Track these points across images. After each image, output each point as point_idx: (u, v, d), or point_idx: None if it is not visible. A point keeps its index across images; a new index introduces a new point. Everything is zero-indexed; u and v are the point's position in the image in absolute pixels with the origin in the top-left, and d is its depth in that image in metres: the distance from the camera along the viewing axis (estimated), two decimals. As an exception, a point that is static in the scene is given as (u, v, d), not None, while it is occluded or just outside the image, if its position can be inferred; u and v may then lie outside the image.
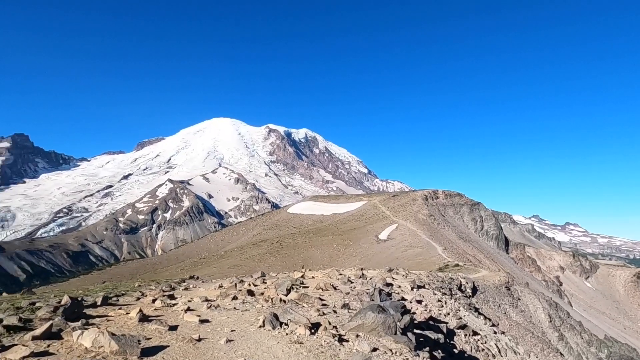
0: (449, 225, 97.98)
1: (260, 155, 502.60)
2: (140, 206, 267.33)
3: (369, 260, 69.35)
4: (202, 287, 15.09)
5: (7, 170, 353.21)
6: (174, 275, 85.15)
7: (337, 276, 18.39)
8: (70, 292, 14.62)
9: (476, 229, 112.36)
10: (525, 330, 24.43)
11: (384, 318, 8.49)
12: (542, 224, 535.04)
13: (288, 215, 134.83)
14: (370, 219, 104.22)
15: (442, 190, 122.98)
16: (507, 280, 36.14)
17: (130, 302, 10.76)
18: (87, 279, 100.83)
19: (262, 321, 8.67)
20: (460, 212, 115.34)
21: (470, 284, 22.90)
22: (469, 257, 68.38)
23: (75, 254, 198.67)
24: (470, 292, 22.25)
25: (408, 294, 16.28)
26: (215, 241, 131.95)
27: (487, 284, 31.58)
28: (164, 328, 7.86)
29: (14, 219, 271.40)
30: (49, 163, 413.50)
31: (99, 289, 16.27)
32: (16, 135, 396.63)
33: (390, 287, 16.30)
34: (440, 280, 20.57)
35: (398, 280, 20.21)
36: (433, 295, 17.61)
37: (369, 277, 19.37)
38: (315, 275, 19.17)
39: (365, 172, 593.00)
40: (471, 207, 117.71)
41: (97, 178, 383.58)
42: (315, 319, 9.60)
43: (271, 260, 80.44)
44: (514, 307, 30.06)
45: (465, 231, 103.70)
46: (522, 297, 35.27)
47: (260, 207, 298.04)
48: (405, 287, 18.05)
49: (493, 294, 28.96)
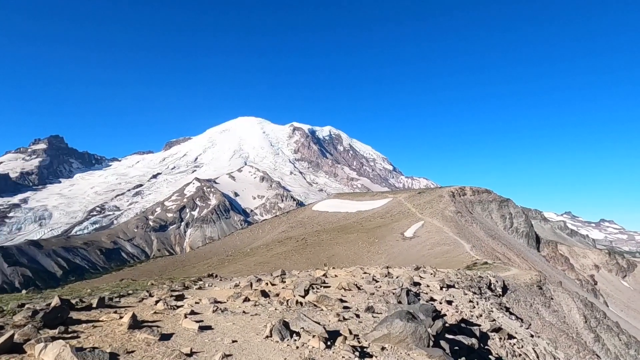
0: (477, 223, 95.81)
1: (285, 154, 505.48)
2: (169, 204, 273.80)
3: (394, 258, 68.61)
4: (218, 287, 14.36)
5: (44, 171, 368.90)
6: (201, 272, 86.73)
7: (362, 275, 17.67)
8: (79, 291, 14.64)
9: (505, 226, 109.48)
10: (559, 331, 23.47)
11: (414, 327, 7.33)
12: (575, 221, 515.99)
13: (313, 212, 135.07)
14: (396, 216, 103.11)
15: (469, 186, 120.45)
16: (539, 278, 34.94)
17: (131, 304, 10.01)
18: (119, 276, 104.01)
19: (269, 330, 7.44)
20: (488, 209, 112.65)
21: (500, 283, 22.08)
22: (498, 255, 66.63)
23: (108, 251, 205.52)
24: (501, 291, 21.50)
25: (437, 293, 15.58)
26: (242, 238, 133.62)
27: (517, 282, 30.59)
28: (154, 338, 6.85)
29: (51, 217, 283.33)
30: (82, 163, 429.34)
31: (109, 287, 15.66)
32: (52, 137, 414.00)
33: (418, 287, 15.63)
34: (469, 279, 19.91)
35: (426, 279, 19.46)
36: (464, 295, 16.75)
37: (395, 275, 18.70)
38: (339, 273, 18.53)
39: (390, 169, 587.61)
40: (500, 204, 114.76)
41: (127, 177, 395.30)
42: (333, 325, 8.59)
43: (296, 257, 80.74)
44: (546, 306, 29.00)
45: (493, 228, 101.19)
46: (555, 296, 34.02)
47: (285, 205, 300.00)
48: (434, 286, 17.29)
49: (524, 293, 28.01)
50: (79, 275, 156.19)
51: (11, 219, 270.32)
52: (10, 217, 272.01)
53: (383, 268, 21.26)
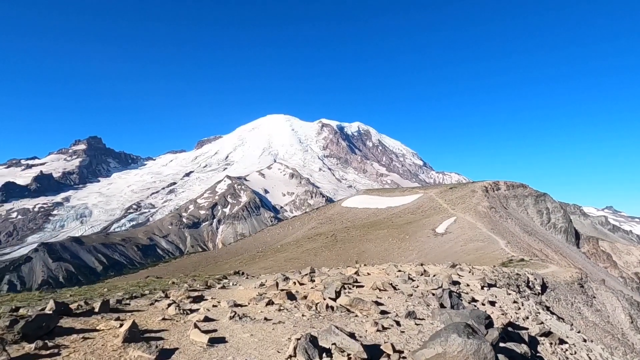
0: (512, 218, 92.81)
1: (314, 150, 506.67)
2: (202, 202, 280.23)
3: (426, 255, 67.46)
4: (242, 285, 13.47)
5: (84, 171, 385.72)
6: (233, 268, 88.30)
7: (396, 273, 16.79)
8: (96, 290, 14.18)
9: (542, 222, 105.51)
10: (604, 332, 22.28)
11: (477, 345, 5.74)
12: (617, 215, 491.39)
13: (342, 209, 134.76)
14: (427, 212, 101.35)
15: (503, 181, 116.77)
16: (579, 276, 33.38)
17: (140, 308, 8.97)
18: (154, 271, 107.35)
19: (292, 348, 6.08)
20: (524, 204, 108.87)
21: (539, 281, 21.08)
22: (534, 252, 64.29)
23: (145, 247, 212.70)
24: (540, 289, 20.55)
25: (478, 293, 14.55)
26: (272, 235, 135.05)
27: (557, 280, 29.30)
28: (149, 357, 5.63)
29: (91, 215, 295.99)
30: (119, 163, 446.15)
31: (127, 286, 14.82)
32: (91, 138, 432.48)
33: (457, 286, 14.70)
34: (506, 277, 19.09)
35: (464, 277, 18.42)
36: (507, 295, 15.64)
37: (432, 274, 17.79)
38: (371, 271, 17.67)
39: (421, 164, 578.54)
40: (536, 199, 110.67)
41: (162, 176, 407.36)
42: (371, 337, 7.29)
43: (326, 254, 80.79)
44: (588, 305, 27.63)
45: (529, 224, 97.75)
46: (598, 295, 32.39)
47: (314, 202, 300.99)
48: (475, 285, 16.28)
49: (564, 291, 26.78)
50: (117, 271, 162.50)
51: (55, 217, 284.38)
52: (54, 215, 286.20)
53: (417, 265, 20.39)
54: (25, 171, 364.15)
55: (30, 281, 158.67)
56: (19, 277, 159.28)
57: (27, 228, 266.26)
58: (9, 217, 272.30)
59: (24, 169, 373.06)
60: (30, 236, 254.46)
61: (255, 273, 74.02)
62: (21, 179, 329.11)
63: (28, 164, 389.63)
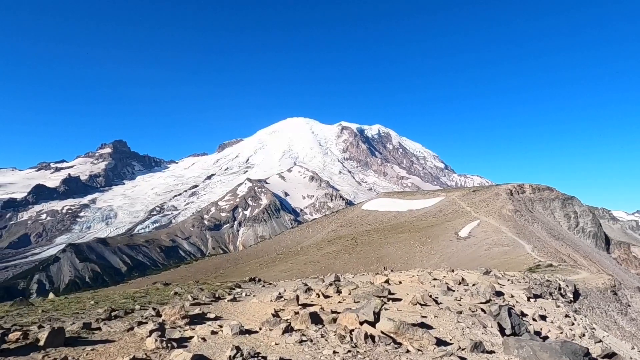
0: (538, 222, 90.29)
1: (334, 153, 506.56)
2: (223, 204, 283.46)
3: (448, 259, 66.19)
4: (257, 297, 11.83)
5: (109, 174, 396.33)
6: (253, 270, 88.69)
7: (431, 281, 15.15)
8: (71, 306, 11.16)
9: (570, 226, 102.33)
10: (641, 342, 21.17)
11: None
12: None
13: (362, 212, 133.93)
14: (449, 215, 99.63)
15: (528, 184, 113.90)
16: (612, 283, 31.94)
17: (111, 335, 7.02)
18: (177, 272, 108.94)
19: None
20: (550, 208, 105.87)
21: (571, 288, 20.08)
22: (562, 257, 62.19)
23: (167, 248, 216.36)
24: (572, 296, 19.61)
25: (525, 306, 13.04)
26: (292, 237, 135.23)
27: (588, 287, 28.09)
28: None
29: (116, 217, 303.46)
30: (143, 166, 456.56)
31: (120, 296, 12.90)
32: (116, 141, 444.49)
33: (501, 297, 13.17)
34: (538, 284, 18.23)
35: (506, 286, 16.56)
36: (556, 307, 14.33)
37: (470, 282, 16.06)
38: (402, 278, 16.02)
39: (442, 167, 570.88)
40: (563, 202, 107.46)
41: (184, 179, 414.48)
42: None
43: (346, 257, 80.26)
44: (623, 314, 26.35)
45: (556, 228, 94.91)
46: (633, 303, 30.91)
47: (334, 204, 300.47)
48: (520, 296, 14.58)
49: (597, 299, 25.62)
50: (141, 272, 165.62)
51: (82, 218, 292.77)
52: (81, 217, 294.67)
53: (448, 272, 19.26)
54: (54, 174, 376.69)
55: (58, 281, 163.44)
56: (47, 277, 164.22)
57: (56, 229, 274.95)
58: (38, 218, 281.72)
59: (53, 172, 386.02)
60: (58, 237, 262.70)
61: (275, 276, 73.68)
62: (50, 181, 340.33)
63: (57, 167, 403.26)
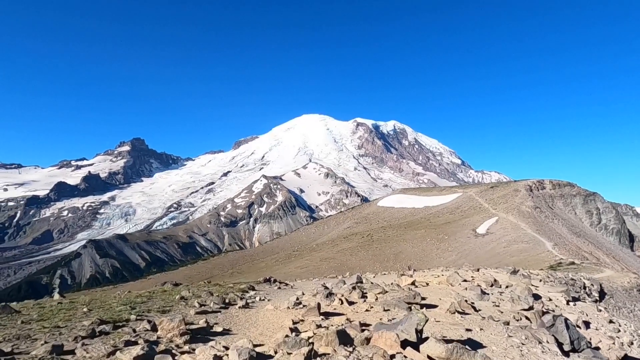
0: (559, 219, 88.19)
1: (349, 150, 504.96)
2: (239, 201, 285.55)
3: (466, 256, 65.18)
4: (272, 302, 10.87)
5: (128, 171, 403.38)
6: (269, 266, 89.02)
7: (460, 282, 13.85)
8: (54, 315, 9.81)
9: (592, 223, 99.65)
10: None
11: None
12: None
13: (378, 208, 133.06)
14: (467, 211, 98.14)
15: (548, 179, 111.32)
16: (638, 282, 30.82)
17: None
18: (194, 268, 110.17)
19: None
20: (571, 204, 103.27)
21: (597, 287, 19.28)
22: (584, 255, 60.57)
23: (185, 245, 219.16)
24: (597, 296, 18.83)
25: (566, 311, 11.77)
26: (307, 234, 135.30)
27: (613, 286, 27.15)
28: None
29: (135, 214, 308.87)
30: (161, 163, 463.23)
31: (116, 303, 11.44)
32: (134, 139, 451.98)
33: (539, 301, 11.91)
34: (562, 283, 17.54)
35: (540, 288, 15.04)
36: (597, 312, 12.99)
37: (503, 284, 14.60)
38: (428, 279, 14.77)
39: (459, 163, 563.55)
40: (585, 198, 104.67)
41: (200, 176, 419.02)
42: None
43: (362, 253, 79.80)
44: (650, 314, 25.38)
45: (578, 225, 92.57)
46: (660, 302, 29.77)
47: (350, 201, 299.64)
48: (558, 300, 13.21)
49: (623, 298, 24.72)
50: (159, 267, 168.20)
51: (102, 215, 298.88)
52: (101, 213, 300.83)
53: (474, 271, 18.11)
54: (75, 172, 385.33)
55: (80, 276, 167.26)
56: (69, 272, 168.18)
57: (77, 225, 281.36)
58: (60, 215, 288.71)
59: (74, 170, 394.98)
60: (79, 233, 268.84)
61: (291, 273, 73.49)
62: (71, 179, 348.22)
63: (77, 165, 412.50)
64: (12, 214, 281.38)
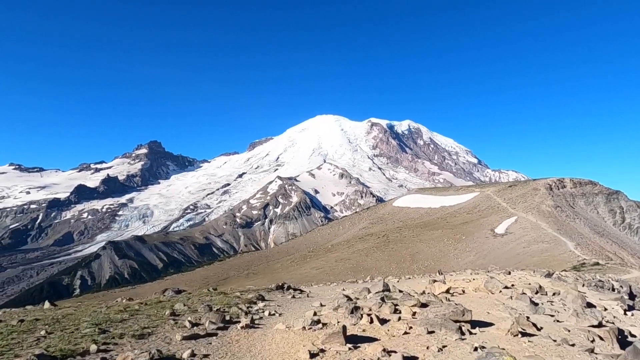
0: (580, 218, 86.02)
1: (363, 150, 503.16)
2: (254, 202, 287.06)
3: (485, 257, 63.99)
4: (283, 320, 9.00)
5: (145, 174, 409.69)
6: (285, 267, 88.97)
7: (501, 289, 12.17)
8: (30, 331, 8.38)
9: (615, 222, 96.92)
10: None
11: None
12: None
13: (394, 208, 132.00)
14: (484, 211, 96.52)
15: (569, 178, 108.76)
16: (667, 283, 29.60)
17: None
18: (210, 269, 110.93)
19: None
20: (593, 203, 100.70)
21: (626, 288, 18.40)
22: (608, 255, 58.84)
23: (201, 246, 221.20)
24: (627, 298, 17.99)
25: (627, 322, 10.33)
26: (323, 235, 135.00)
27: (641, 287, 26.11)
28: None
29: (152, 215, 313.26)
30: (177, 165, 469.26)
31: (87, 323, 9.12)
32: (151, 142, 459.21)
33: (592, 310, 10.13)
34: (592, 285, 16.76)
35: (588, 295, 13.30)
36: None
37: (549, 291, 12.94)
38: (460, 284, 13.13)
39: (475, 162, 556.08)
40: (608, 197, 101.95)
41: (216, 177, 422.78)
42: None
43: (378, 254, 79.12)
44: (681, 317, 24.33)
45: (601, 224, 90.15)
46: (691, 304, 28.57)
47: (365, 201, 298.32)
48: (613, 308, 11.78)
49: (652, 300, 23.75)
50: (176, 268, 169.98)
51: (120, 217, 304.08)
52: (120, 215, 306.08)
53: (505, 274, 16.90)
54: (94, 174, 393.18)
55: (99, 277, 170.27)
56: (89, 273, 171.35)
57: (97, 227, 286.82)
58: (80, 217, 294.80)
59: (93, 173, 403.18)
60: (99, 235, 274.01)
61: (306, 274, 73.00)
62: (90, 181, 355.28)
63: (96, 167, 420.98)
64: (35, 217, 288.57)
